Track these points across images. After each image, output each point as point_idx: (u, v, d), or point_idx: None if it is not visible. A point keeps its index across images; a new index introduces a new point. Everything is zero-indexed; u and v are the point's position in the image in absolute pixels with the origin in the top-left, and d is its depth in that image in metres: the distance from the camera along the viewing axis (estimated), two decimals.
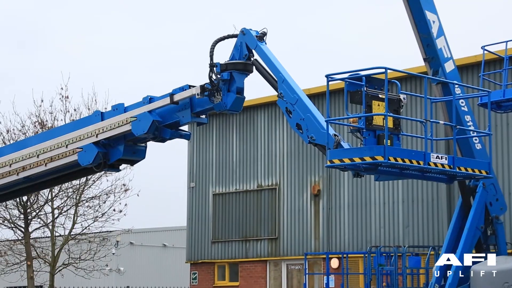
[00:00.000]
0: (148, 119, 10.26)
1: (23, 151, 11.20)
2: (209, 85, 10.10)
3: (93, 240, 24.91)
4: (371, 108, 9.85)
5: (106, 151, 10.67)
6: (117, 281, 29.79)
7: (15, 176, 11.22)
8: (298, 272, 23.07)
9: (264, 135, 24.16)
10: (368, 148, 9.70)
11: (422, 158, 10.13)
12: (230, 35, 10.31)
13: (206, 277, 24.94)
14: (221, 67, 10.14)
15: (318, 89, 23.06)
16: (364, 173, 10.35)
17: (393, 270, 16.96)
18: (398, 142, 10.04)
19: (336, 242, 22.13)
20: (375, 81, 10.11)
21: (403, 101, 10.24)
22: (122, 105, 10.74)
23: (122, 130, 10.53)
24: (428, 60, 13.27)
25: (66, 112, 23.88)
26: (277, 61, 10.21)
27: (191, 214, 25.57)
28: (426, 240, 20.30)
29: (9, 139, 23.77)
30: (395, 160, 9.74)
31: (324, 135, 9.82)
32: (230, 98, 10.10)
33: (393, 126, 9.92)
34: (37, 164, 11.04)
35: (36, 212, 23.59)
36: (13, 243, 24.77)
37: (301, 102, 10.02)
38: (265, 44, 10.27)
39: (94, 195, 24.12)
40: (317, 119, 9.97)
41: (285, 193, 23.46)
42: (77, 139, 10.76)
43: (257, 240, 23.89)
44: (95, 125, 10.75)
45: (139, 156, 10.93)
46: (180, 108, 10.37)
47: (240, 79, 10.18)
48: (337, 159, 9.84)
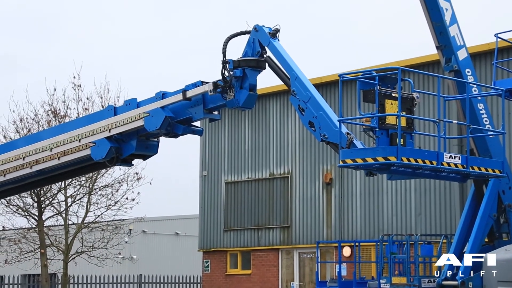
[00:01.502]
0: (161, 115, 10.28)
1: (36, 144, 11.26)
2: (221, 82, 10.07)
3: (106, 229, 25.04)
4: (384, 107, 9.84)
5: (119, 146, 10.71)
6: (130, 269, 29.95)
7: (29, 169, 11.28)
8: (310, 260, 23.11)
9: (276, 124, 24.16)
10: (381, 148, 9.70)
11: (435, 158, 10.11)
12: (242, 32, 10.29)
13: (219, 265, 25.04)
14: (233, 64, 10.11)
15: (330, 77, 23.03)
16: (377, 173, 10.34)
17: (405, 259, 16.94)
18: (411, 141, 10.02)
19: (348, 230, 22.15)
20: (388, 80, 10.09)
21: (416, 99, 10.21)
22: (135, 100, 10.77)
23: (135, 125, 10.56)
24: (440, 48, 13.24)
25: (79, 100, 23.98)
26: (290, 58, 10.19)
27: (203, 203, 25.65)
28: (439, 228, 20.28)
29: (22, 127, 23.90)
30: (408, 161, 9.74)
31: (336, 133, 9.81)
32: (242, 95, 10.08)
33: (406, 125, 9.89)
34: (50, 158, 11.10)
35: (49, 200, 23.73)
36: (27, 231, 24.94)
37: (313, 100, 9.99)
38: (278, 41, 10.24)
39: (107, 184, 24.24)
40: (330, 117, 9.95)
41: (297, 182, 23.48)
42: (90, 134, 10.80)
43: (269, 229, 23.95)
44: (108, 120, 10.78)
45: (151, 151, 10.96)
46: (192, 104, 10.37)
47: (252, 76, 10.16)
48: (350, 159, 9.85)
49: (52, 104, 23.97)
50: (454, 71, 13.23)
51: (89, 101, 24.02)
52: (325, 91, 22.99)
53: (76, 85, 24.04)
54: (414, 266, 16.94)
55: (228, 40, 10.18)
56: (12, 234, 25.70)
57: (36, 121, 23.92)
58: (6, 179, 11.52)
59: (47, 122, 23.81)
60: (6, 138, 23.94)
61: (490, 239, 13.66)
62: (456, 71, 13.22)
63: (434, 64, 20.25)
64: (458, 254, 13.30)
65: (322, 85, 22.97)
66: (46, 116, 23.91)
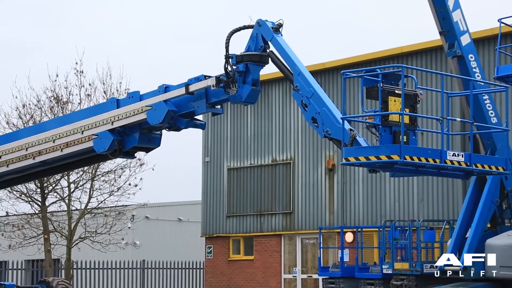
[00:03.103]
0: (164, 108, 10.27)
1: (39, 135, 11.28)
2: (224, 76, 10.04)
3: (109, 214, 25.10)
4: (387, 104, 9.83)
5: (122, 139, 10.71)
6: (133, 254, 30.03)
7: (31, 160, 11.32)
8: (313, 246, 23.18)
9: (279, 110, 24.15)
10: (384, 146, 9.69)
11: (439, 156, 10.11)
12: (245, 26, 10.25)
13: (221, 251, 25.13)
14: (236, 59, 10.08)
15: (333, 63, 23.00)
16: (380, 170, 10.36)
17: (407, 244, 17.00)
18: (414, 138, 10.02)
19: (351, 216, 22.19)
20: (391, 77, 10.07)
21: (420, 96, 10.18)
22: (137, 93, 10.76)
23: (138, 118, 10.57)
24: (444, 33, 13.20)
25: (81, 87, 23.97)
26: (293, 54, 10.16)
27: (206, 189, 25.70)
28: (441, 214, 20.31)
29: (25, 113, 23.91)
30: (411, 159, 9.74)
31: (339, 129, 9.80)
32: (245, 90, 10.06)
33: (409, 122, 9.88)
34: (53, 149, 11.13)
35: (52, 186, 23.78)
36: (30, 216, 25.01)
37: (316, 95, 9.94)
38: (281, 35, 10.20)
39: (110, 170, 24.26)
40: (333, 113, 9.92)
41: (300, 168, 23.50)
42: (93, 126, 10.80)
43: (272, 214, 24.00)
44: (110, 112, 10.79)
45: (154, 144, 10.97)
46: (195, 98, 10.35)
47: (255, 70, 10.13)
48: (353, 157, 9.84)
49: (54, 90, 23.98)
50: (457, 56, 13.20)
51: (91, 87, 24.02)
52: (328, 78, 22.96)
53: (78, 71, 24.03)
54: (417, 251, 17.00)
55: (231, 34, 10.15)
56: (15, 220, 25.78)
57: (38, 107, 23.94)
58: (9, 169, 11.57)
59: (49, 108, 23.82)
60: (9, 124, 23.98)
61: (492, 225, 13.68)
62: (459, 57, 13.19)
63: (437, 50, 20.21)
64: (460, 240, 13.33)
65: (325, 71, 22.95)
66: (48, 102, 23.93)
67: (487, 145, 13.04)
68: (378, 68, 10.16)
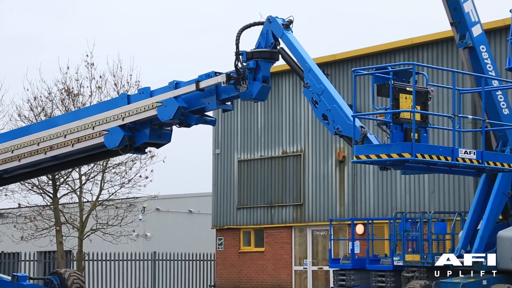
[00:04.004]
0: (174, 105, 10.27)
1: (50, 130, 11.32)
2: (235, 73, 10.03)
3: (120, 206, 25.19)
4: (398, 101, 9.80)
5: (132, 135, 10.72)
6: (144, 246, 30.15)
7: (43, 154, 11.35)
8: (323, 238, 23.19)
9: (289, 102, 24.13)
10: (395, 144, 9.67)
11: (450, 154, 10.08)
12: (256, 23, 10.22)
13: (232, 242, 25.18)
14: (247, 56, 10.05)
15: (343, 54, 22.95)
16: (391, 168, 10.35)
17: (418, 236, 16.98)
18: (425, 135, 9.99)
19: (361, 208, 22.18)
20: (402, 74, 10.04)
21: (431, 93, 10.15)
22: (148, 89, 10.77)
23: (148, 114, 10.57)
24: (455, 24, 13.14)
25: (92, 79, 24.02)
26: (303, 50, 10.12)
27: (216, 181, 25.74)
28: (452, 205, 20.27)
29: (36, 106, 23.99)
30: (422, 157, 9.72)
31: (350, 126, 9.78)
32: (256, 87, 10.04)
33: (420, 119, 9.86)
34: (64, 144, 11.15)
35: (64, 178, 23.87)
36: (42, 208, 25.13)
37: (327, 92, 9.91)
38: (291, 32, 10.16)
39: (121, 162, 24.33)
40: (344, 110, 9.88)
41: (310, 160, 23.50)
42: (104, 122, 10.82)
43: (282, 206, 24.02)
44: (121, 108, 10.80)
45: (164, 140, 10.98)
46: (205, 94, 10.35)
47: (266, 67, 10.10)
48: (364, 155, 9.82)
49: (65, 82, 24.04)
50: (468, 47, 13.15)
51: (102, 79, 24.07)
52: (338, 69, 22.92)
53: (89, 64, 24.07)
54: (428, 243, 16.97)
55: (241, 31, 10.12)
56: (27, 212, 25.92)
57: (50, 100, 24.01)
58: (21, 163, 11.61)
59: (60, 100, 23.89)
60: (21, 116, 24.07)
61: (504, 217, 13.66)
62: (471, 48, 13.14)
63: (448, 41, 20.13)
64: (471, 232, 13.32)
65: (335, 62, 22.91)
66: (59, 94, 23.99)
67: (499, 137, 13.01)
68: (389, 66, 10.13)
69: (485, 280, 12.53)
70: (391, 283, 16.90)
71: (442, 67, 14.85)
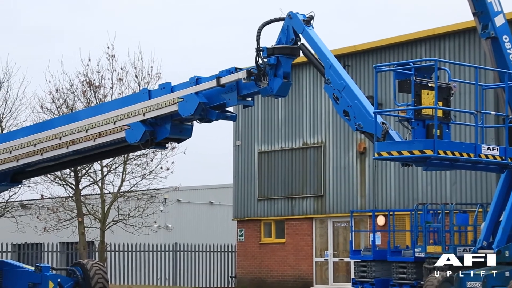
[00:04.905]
0: (195, 100, 10.27)
1: (72, 125, 11.39)
2: (255, 69, 10.00)
3: (141, 198, 25.31)
4: (420, 97, 9.71)
5: (153, 130, 10.72)
6: (165, 237, 30.30)
7: (65, 149, 11.42)
8: (344, 229, 23.16)
9: (310, 93, 24.09)
10: (417, 141, 9.60)
11: (473, 151, 10.01)
12: (276, 19, 10.18)
13: (253, 234, 25.24)
14: (267, 52, 10.02)
15: (364, 45, 22.85)
16: (413, 164, 10.27)
17: (440, 228, 16.91)
18: (448, 131, 9.90)
19: (382, 199, 22.11)
20: (424, 69, 9.95)
21: (454, 89, 10.04)
22: (169, 84, 10.79)
23: (169, 110, 10.58)
24: (477, 14, 13.01)
25: (113, 71, 24.13)
26: (324, 46, 10.06)
27: (237, 172, 25.79)
28: (474, 197, 20.14)
29: (58, 97, 24.16)
30: (445, 154, 9.64)
31: (371, 123, 9.70)
32: (276, 83, 10.00)
33: (442, 115, 9.76)
34: (86, 139, 11.20)
35: (86, 170, 24.04)
36: (64, 200, 25.33)
37: (348, 88, 9.84)
38: (312, 28, 10.10)
39: (142, 153, 24.42)
40: (365, 106, 9.80)
41: (331, 151, 23.46)
42: (125, 117, 10.85)
43: (303, 198, 24.02)
44: (142, 103, 10.81)
45: (185, 135, 10.99)
46: (226, 90, 10.32)
47: (286, 63, 10.05)
48: (385, 152, 9.76)
49: (87, 74, 24.17)
50: (491, 38, 13.03)
51: (123, 71, 24.17)
52: (359, 60, 22.82)
53: (110, 56, 24.16)
54: (449, 235, 16.90)
55: (262, 27, 10.08)
56: (50, 203, 26.14)
57: (71, 92, 24.16)
58: (43, 157, 11.70)
59: (82, 92, 24.03)
60: (43, 108, 24.26)
61: None
62: (493, 38, 13.01)
63: (471, 31, 19.95)
64: (494, 223, 13.21)
65: (356, 53, 22.81)
66: (81, 86, 24.13)
67: None
68: (411, 62, 10.07)
69: (507, 272, 12.44)
70: (413, 275, 16.85)
71: (464, 63, 14.72)
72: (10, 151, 11.97)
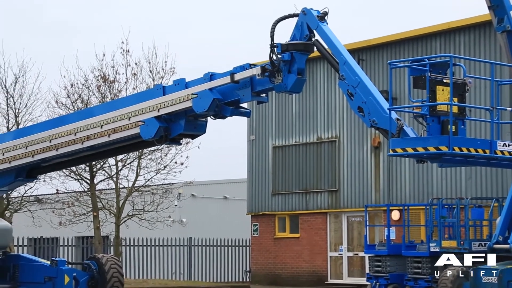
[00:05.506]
0: (209, 97, 10.27)
1: (87, 121, 11.44)
2: (269, 65, 9.99)
3: (156, 192, 25.40)
4: (435, 93, 9.66)
5: (168, 126, 10.73)
6: (180, 232, 30.39)
7: (80, 144, 11.48)
8: (359, 224, 23.13)
9: (324, 87, 24.05)
10: (432, 137, 9.56)
11: (488, 147, 9.94)
12: (290, 15, 10.16)
13: (267, 228, 25.26)
14: (282, 48, 9.98)
15: (379, 40, 22.78)
16: (428, 161, 10.22)
17: (455, 222, 16.85)
18: (463, 127, 9.84)
19: (397, 194, 22.06)
20: (439, 66, 9.90)
21: (469, 85, 9.97)
22: (183, 80, 10.80)
23: (183, 106, 10.58)
24: (493, 8, 12.92)
25: (128, 66, 24.19)
26: (338, 42, 10.02)
27: (251, 167, 25.81)
28: (490, 191, 20.05)
29: (73, 92, 24.27)
30: (460, 150, 9.59)
31: (386, 119, 9.66)
32: (290, 79, 9.97)
33: (458, 111, 9.71)
34: (101, 135, 11.24)
35: (100, 164, 24.14)
36: (79, 194, 25.46)
37: (363, 84, 9.79)
38: (326, 24, 10.06)
39: (156, 148, 24.47)
40: (379, 102, 9.76)
41: (345, 146, 23.42)
42: (140, 113, 10.86)
43: (317, 192, 24.00)
44: (156, 99, 10.83)
45: (199, 131, 11.01)
46: (240, 86, 10.31)
47: (301, 59, 10.01)
48: (400, 148, 9.74)
49: (101, 69, 24.25)
50: (506, 31, 12.93)
51: (137, 66, 24.23)
52: (373, 54, 22.75)
53: (124, 51, 24.22)
54: (465, 229, 16.83)
55: (276, 23, 10.07)
56: (65, 197, 26.28)
57: (86, 87, 24.26)
58: (58, 153, 11.76)
59: (97, 87, 24.11)
60: (58, 103, 24.37)
61: None
62: (509, 32, 12.92)
63: (486, 25, 19.82)
64: (510, 218, 13.13)
65: (370, 48, 22.74)
66: (96, 81, 24.22)
67: None
68: (426, 58, 10.02)
69: None
70: (427, 269, 16.80)
71: (479, 59, 14.61)
72: (26, 146, 12.04)
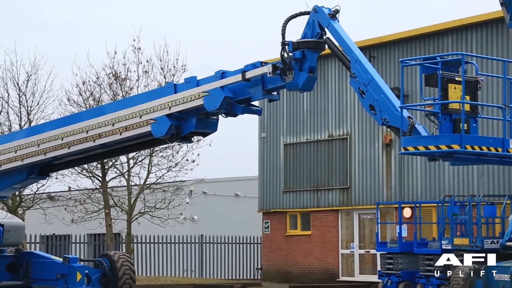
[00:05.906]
0: (220, 95, 10.30)
1: (99, 119, 11.49)
2: (281, 63, 9.99)
3: (167, 190, 25.45)
4: (447, 91, 9.61)
5: (179, 124, 10.76)
6: (191, 229, 30.45)
7: (92, 142, 11.53)
8: (370, 221, 23.09)
9: (335, 85, 24.01)
10: (444, 136, 9.52)
11: (501, 145, 9.89)
12: (302, 13, 10.15)
13: (278, 226, 25.26)
14: (293, 46, 9.99)
15: (390, 37, 22.72)
16: (440, 159, 10.18)
17: (467, 220, 16.80)
18: (475, 125, 9.80)
19: (409, 191, 22.00)
20: (451, 64, 9.86)
21: (481, 82, 9.93)
22: (194, 78, 10.83)
23: (195, 104, 10.61)
24: (505, 4, 12.83)
25: (139, 63, 24.25)
26: (350, 40, 10.00)
27: (262, 164, 25.81)
28: (502, 189, 19.96)
29: (85, 90, 24.36)
30: (472, 149, 9.55)
31: (398, 117, 9.64)
32: (302, 77, 9.97)
33: (470, 109, 9.66)
34: (113, 133, 11.28)
35: (112, 162, 24.22)
36: (91, 191, 25.56)
37: (374, 82, 9.76)
38: (338, 22, 10.05)
39: (168, 146, 24.52)
40: (391, 100, 9.73)
41: (356, 143, 23.38)
42: (151, 111, 10.90)
43: (329, 190, 23.98)
44: (168, 97, 10.86)
45: (211, 129, 11.03)
46: (251, 84, 10.32)
47: (312, 57, 10.02)
48: (412, 147, 9.71)
49: (113, 67, 24.32)
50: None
51: (149, 63, 24.28)
52: (384, 51, 22.69)
53: (136, 48, 24.29)
54: (477, 227, 16.77)
55: (287, 21, 10.06)
56: (77, 195, 26.39)
57: (98, 84, 24.34)
58: (70, 151, 11.82)
59: (108, 85, 24.19)
60: (70, 101, 24.47)
61: None
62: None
63: (498, 22, 19.73)
64: None
65: (382, 45, 22.68)
66: (107, 79, 24.29)
67: None
68: (438, 56, 9.97)
69: None
70: (439, 267, 16.76)
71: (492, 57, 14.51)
72: (38, 144, 12.11)
